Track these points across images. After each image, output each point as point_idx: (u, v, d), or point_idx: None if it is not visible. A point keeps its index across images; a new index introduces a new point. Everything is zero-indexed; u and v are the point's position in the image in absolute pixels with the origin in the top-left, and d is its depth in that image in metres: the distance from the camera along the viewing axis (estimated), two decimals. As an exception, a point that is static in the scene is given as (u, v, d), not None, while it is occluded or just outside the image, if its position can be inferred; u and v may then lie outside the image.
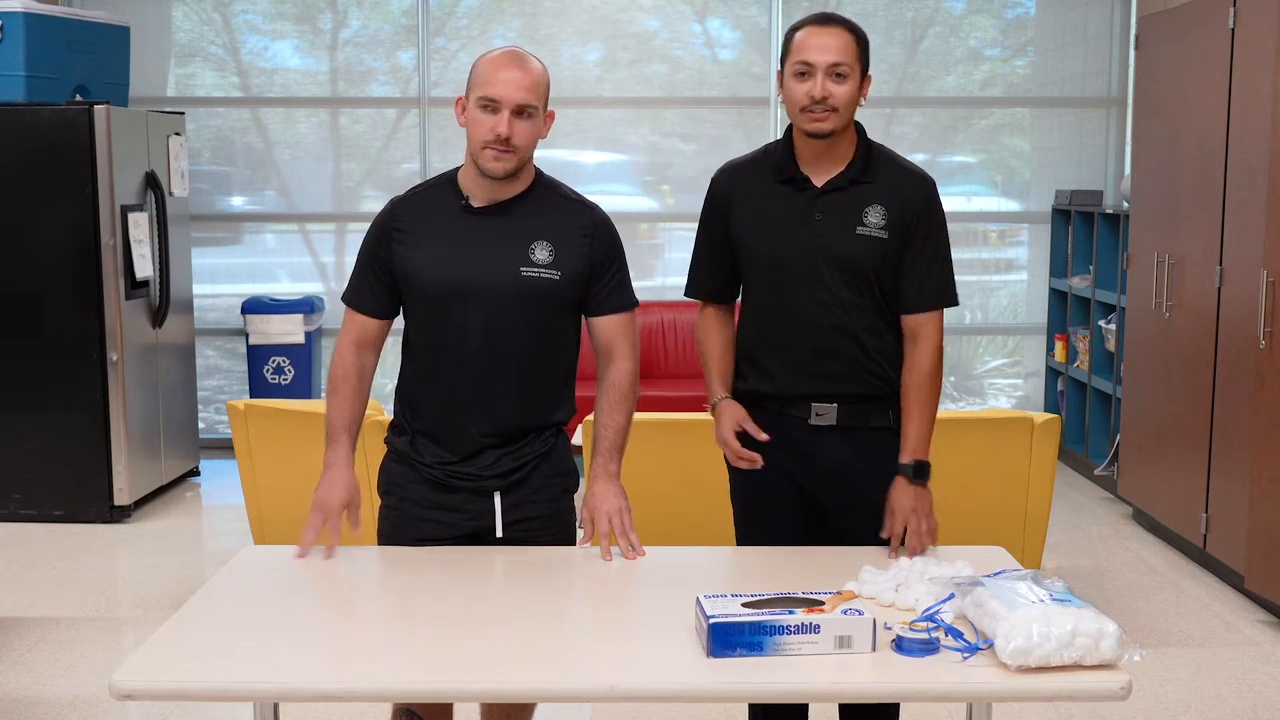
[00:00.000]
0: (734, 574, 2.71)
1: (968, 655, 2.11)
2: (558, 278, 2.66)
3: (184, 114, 6.69)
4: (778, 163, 2.81)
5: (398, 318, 2.81)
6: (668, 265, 7.51)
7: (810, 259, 2.74)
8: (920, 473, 2.74)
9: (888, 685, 2.12)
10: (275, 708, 2.38)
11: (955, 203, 7.33)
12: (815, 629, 2.11)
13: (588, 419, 3.85)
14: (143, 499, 6.14)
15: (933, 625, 2.18)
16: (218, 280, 7.51)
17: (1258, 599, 4.77)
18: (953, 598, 2.26)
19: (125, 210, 5.87)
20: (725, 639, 2.10)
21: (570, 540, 2.79)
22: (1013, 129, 7.53)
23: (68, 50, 6.02)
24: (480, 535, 2.72)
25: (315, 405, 4.56)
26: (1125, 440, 5.88)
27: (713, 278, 2.91)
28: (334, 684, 2.11)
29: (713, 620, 2.10)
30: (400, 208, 2.73)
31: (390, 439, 2.80)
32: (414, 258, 2.67)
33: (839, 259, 2.73)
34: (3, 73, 5.78)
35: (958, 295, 2.87)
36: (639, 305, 2.81)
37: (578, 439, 4.48)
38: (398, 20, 7.30)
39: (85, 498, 5.90)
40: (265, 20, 7.39)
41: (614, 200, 7.18)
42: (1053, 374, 7.38)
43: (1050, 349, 7.32)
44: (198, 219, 7.13)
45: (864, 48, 2.73)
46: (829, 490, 2.82)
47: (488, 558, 2.64)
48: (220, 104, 7.44)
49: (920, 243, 2.78)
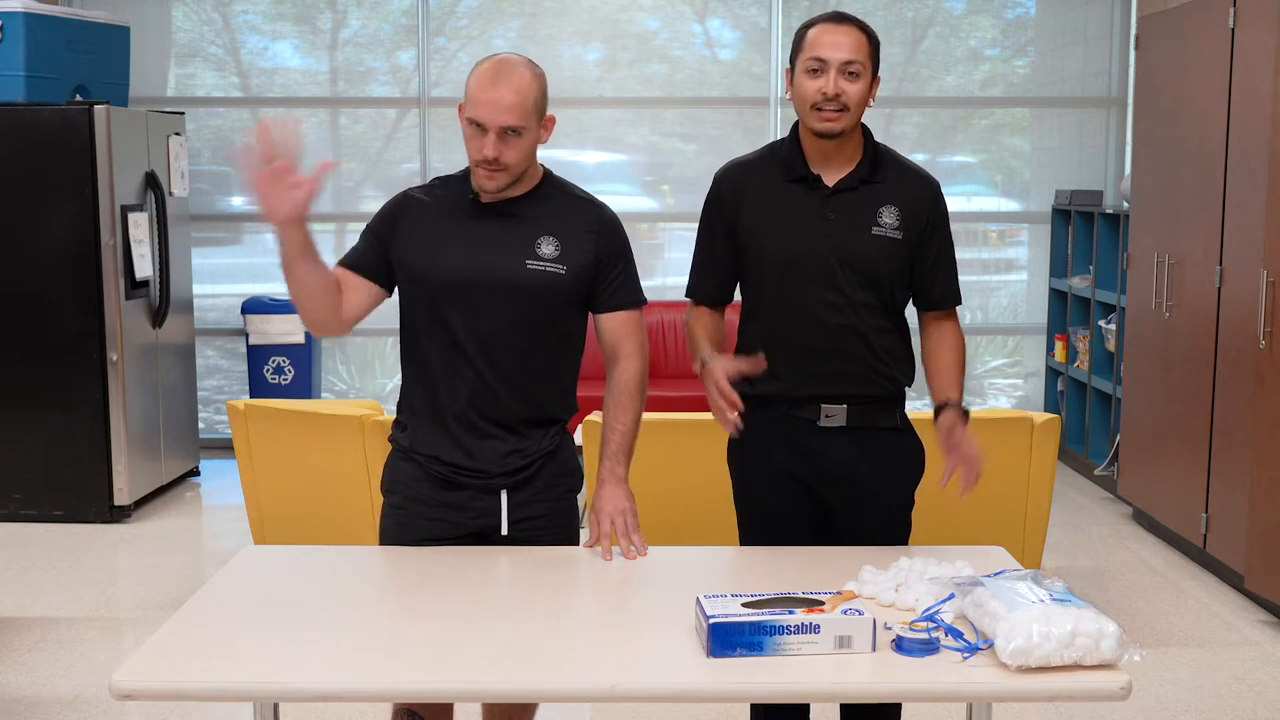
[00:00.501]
0: (734, 574, 2.71)
1: (968, 655, 2.11)
2: (563, 273, 2.66)
3: (184, 114, 6.69)
4: (786, 162, 2.79)
5: (383, 320, 2.79)
6: (668, 265, 7.50)
7: (824, 259, 2.73)
8: (965, 411, 2.82)
9: (888, 685, 2.12)
10: (275, 708, 2.38)
11: (955, 203, 7.31)
12: (815, 629, 2.11)
13: (589, 419, 3.85)
14: (143, 499, 6.14)
15: (933, 625, 2.18)
16: (218, 280, 7.51)
17: (1258, 599, 4.77)
18: (953, 598, 2.26)
19: (125, 210, 5.87)
20: (725, 639, 2.10)
21: (573, 539, 2.79)
22: (1013, 129, 7.53)
23: (68, 50, 6.02)
24: (485, 534, 2.72)
25: (315, 405, 4.56)
26: (1125, 440, 5.88)
27: (716, 279, 2.88)
28: (334, 684, 2.11)
29: (713, 620, 2.10)
30: (414, 196, 2.74)
31: (394, 436, 2.80)
32: (421, 246, 2.67)
33: (854, 260, 2.73)
34: (3, 73, 5.79)
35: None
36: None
37: (578, 438, 4.48)
38: (398, 20, 7.30)
39: (85, 498, 5.90)
40: (265, 20, 7.39)
41: (614, 200, 7.03)
42: (1053, 374, 7.38)
43: (1050, 349, 7.32)
44: (198, 219, 7.13)
45: (875, 48, 2.73)
46: (836, 491, 2.81)
47: (487, 557, 2.64)
48: (220, 104, 7.45)
49: (937, 242, 2.81)
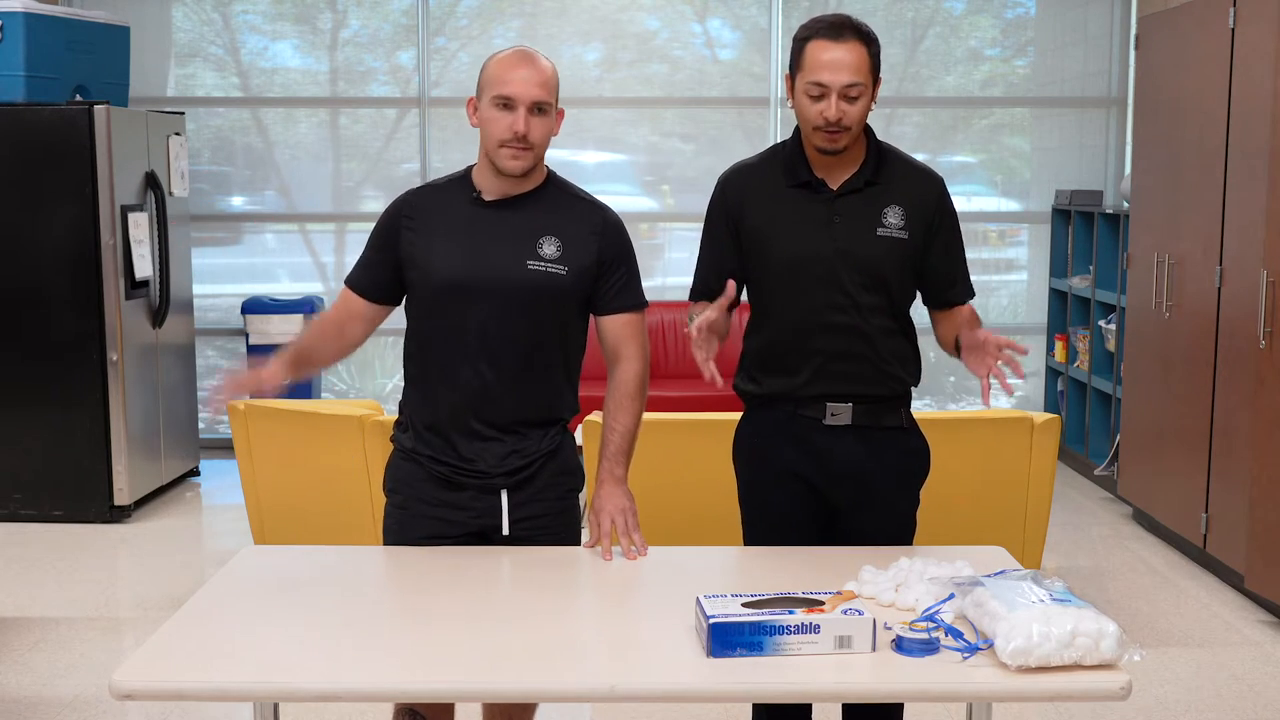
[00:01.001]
0: (734, 574, 2.71)
1: (968, 655, 2.11)
2: (564, 273, 2.67)
3: (184, 114, 6.69)
4: (789, 166, 2.78)
5: (385, 321, 2.81)
6: (668, 265, 7.51)
7: (830, 263, 2.73)
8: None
9: (888, 685, 2.12)
10: (275, 708, 2.38)
11: (955, 203, 7.21)
12: (815, 629, 2.11)
13: (589, 419, 3.85)
14: (143, 499, 6.14)
15: (933, 625, 2.17)
16: (218, 280, 7.51)
17: (1258, 599, 4.77)
18: (953, 598, 2.26)
19: (125, 210, 5.87)
20: (725, 639, 2.10)
21: (574, 538, 2.80)
22: (1013, 129, 7.53)
23: (68, 50, 6.02)
24: (486, 533, 2.72)
25: (315, 405, 4.56)
26: (1125, 440, 5.88)
27: (720, 282, 2.81)
28: (334, 684, 2.11)
29: (713, 620, 2.10)
30: (413, 198, 2.76)
31: (396, 437, 2.80)
32: (422, 246, 2.69)
33: (859, 262, 2.73)
34: (3, 73, 5.79)
35: None
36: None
37: (578, 438, 4.47)
38: (398, 20, 7.30)
39: (85, 498, 5.90)
40: (265, 20, 7.39)
41: (614, 200, 7.05)
42: (1053, 374, 7.38)
43: (1050, 349, 7.32)
44: (198, 219, 7.13)
45: (876, 56, 2.69)
46: (841, 490, 2.81)
47: (488, 557, 2.65)
48: (220, 104, 7.44)
49: (945, 239, 2.84)
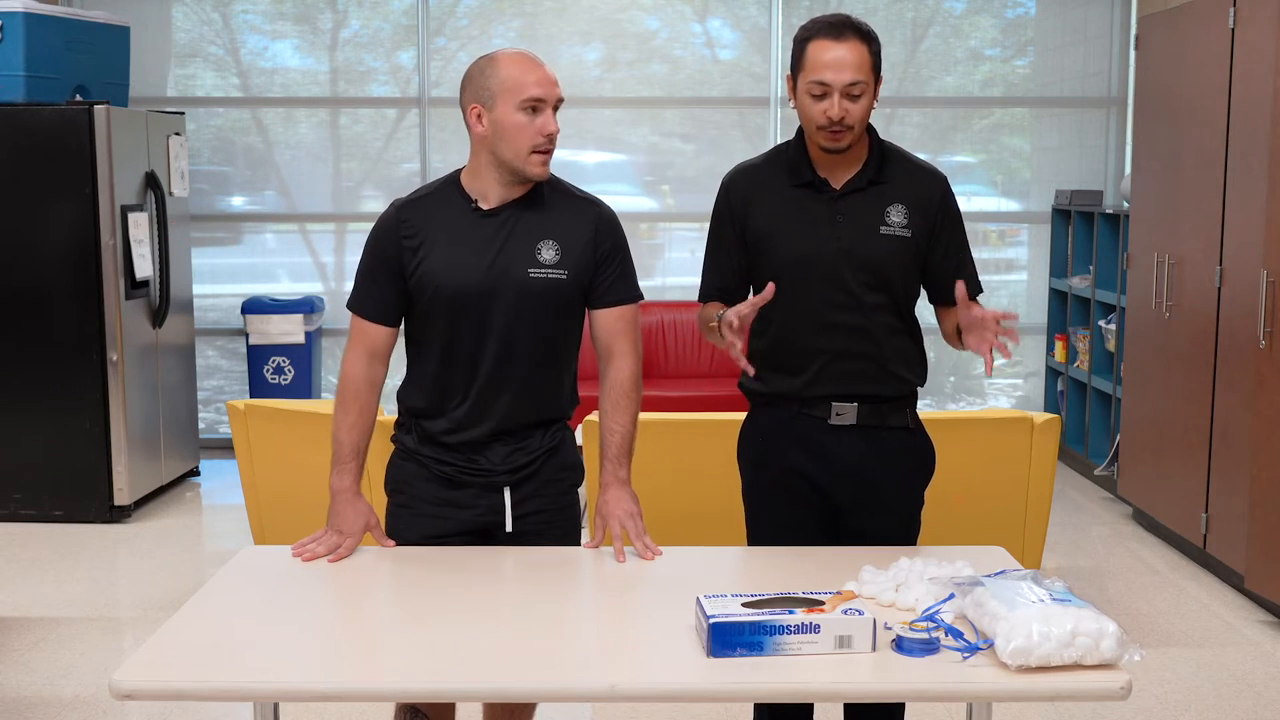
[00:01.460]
0: (734, 574, 2.71)
1: (968, 655, 2.11)
2: (564, 277, 2.67)
3: (184, 114, 6.69)
4: (793, 166, 2.79)
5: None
6: (668, 265, 7.51)
7: (834, 262, 2.73)
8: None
9: (888, 685, 2.12)
10: (275, 708, 2.38)
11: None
12: (815, 629, 2.11)
13: (588, 419, 3.85)
14: (143, 499, 6.14)
15: (933, 625, 2.17)
16: (218, 280, 7.51)
17: (1258, 599, 4.77)
18: (953, 598, 2.26)
19: (125, 210, 5.87)
20: (725, 639, 2.10)
21: (576, 531, 2.81)
22: (1013, 129, 7.53)
23: (68, 50, 6.02)
24: (489, 529, 2.73)
25: (315, 405, 4.55)
26: (1125, 440, 5.88)
27: (726, 282, 2.86)
28: (334, 684, 2.11)
29: (713, 620, 2.10)
30: (406, 212, 2.70)
31: (397, 437, 2.80)
32: (426, 261, 2.65)
33: (863, 261, 2.73)
34: (3, 73, 5.79)
35: None
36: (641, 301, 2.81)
37: (578, 438, 4.47)
38: (398, 20, 7.30)
39: (85, 498, 5.90)
40: (265, 20, 7.39)
41: (614, 200, 7.07)
42: (1053, 374, 7.38)
43: (1050, 349, 7.32)
44: (198, 219, 7.13)
45: (877, 55, 2.70)
46: (845, 489, 2.81)
47: (489, 557, 2.64)
48: (220, 104, 7.44)
49: (949, 236, 2.82)
